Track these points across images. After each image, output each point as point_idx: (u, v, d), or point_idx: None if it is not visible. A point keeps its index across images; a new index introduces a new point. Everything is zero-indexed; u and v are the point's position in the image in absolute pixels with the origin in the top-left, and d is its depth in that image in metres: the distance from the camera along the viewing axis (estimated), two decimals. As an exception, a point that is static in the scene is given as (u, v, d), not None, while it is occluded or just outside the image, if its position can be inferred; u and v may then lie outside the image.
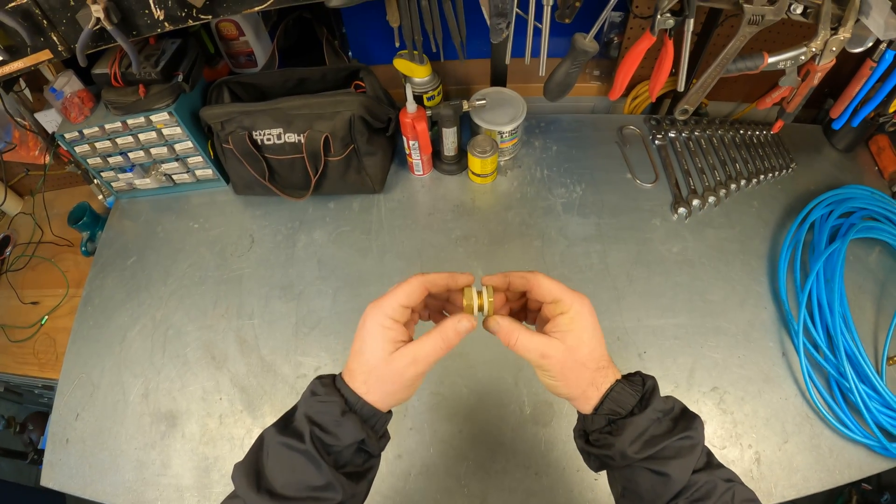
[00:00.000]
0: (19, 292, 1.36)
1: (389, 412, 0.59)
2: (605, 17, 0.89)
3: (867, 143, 1.39)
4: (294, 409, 0.57)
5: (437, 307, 0.66)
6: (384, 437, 0.60)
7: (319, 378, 0.58)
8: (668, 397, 0.58)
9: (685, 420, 0.56)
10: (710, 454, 0.57)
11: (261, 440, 0.56)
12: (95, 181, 1.36)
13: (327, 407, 0.54)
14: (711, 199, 1.26)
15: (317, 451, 0.51)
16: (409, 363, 0.55)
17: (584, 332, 0.57)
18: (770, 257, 1.19)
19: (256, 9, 0.89)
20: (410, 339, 0.57)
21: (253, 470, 0.53)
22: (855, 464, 0.97)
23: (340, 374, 0.58)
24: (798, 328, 1.05)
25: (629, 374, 0.60)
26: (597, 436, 0.58)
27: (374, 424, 0.56)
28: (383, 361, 0.55)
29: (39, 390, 1.53)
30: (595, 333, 0.58)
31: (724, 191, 1.28)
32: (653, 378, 0.59)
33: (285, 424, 0.55)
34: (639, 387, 0.57)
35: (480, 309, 0.59)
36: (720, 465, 0.56)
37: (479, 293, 0.60)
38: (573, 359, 0.57)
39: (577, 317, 0.57)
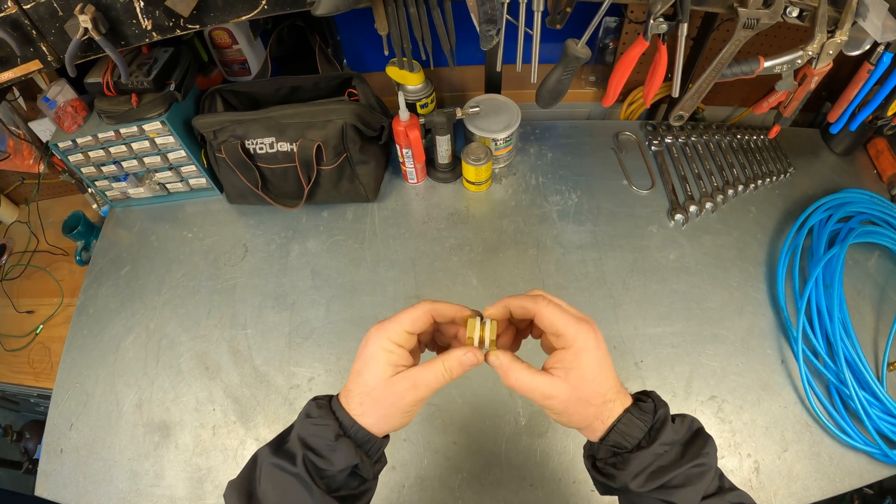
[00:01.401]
0: (15, 301, 1.36)
1: (386, 437, 0.58)
2: (596, 23, 0.88)
3: (865, 146, 1.38)
4: (290, 429, 0.57)
5: (444, 342, 0.64)
6: (380, 462, 0.58)
7: (315, 399, 0.57)
8: (682, 418, 0.56)
9: (697, 445, 0.54)
10: (722, 476, 0.55)
11: (254, 460, 0.55)
12: (90, 190, 1.36)
13: (321, 430, 0.53)
14: (708, 205, 1.25)
15: (309, 476, 0.51)
16: (409, 387, 0.54)
17: (588, 370, 0.54)
18: (768, 263, 1.18)
19: (244, 18, 0.88)
20: (413, 365, 0.56)
21: (245, 490, 0.53)
22: (856, 471, 0.96)
23: (338, 395, 0.57)
24: (797, 335, 1.04)
25: (641, 398, 0.57)
26: (602, 464, 0.56)
27: (368, 449, 0.55)
28: (382, 384, 0.54)
29: (35, 399, 1.52)
30: (602, 368, 0.54)
31: (721, 196, 1.27)
32: (665, 406, 0.55)
33: (279, 445, 0.55)
34: (648, 416, 0.54)
35: (482, 341, 0.57)
36: (732, 488, 0.54)
37: (483, 324, 0.58)
38: (577, 397, 0.54)
39: (582, 353, 0.54)
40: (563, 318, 0.54)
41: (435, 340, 0.64)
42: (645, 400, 0.56)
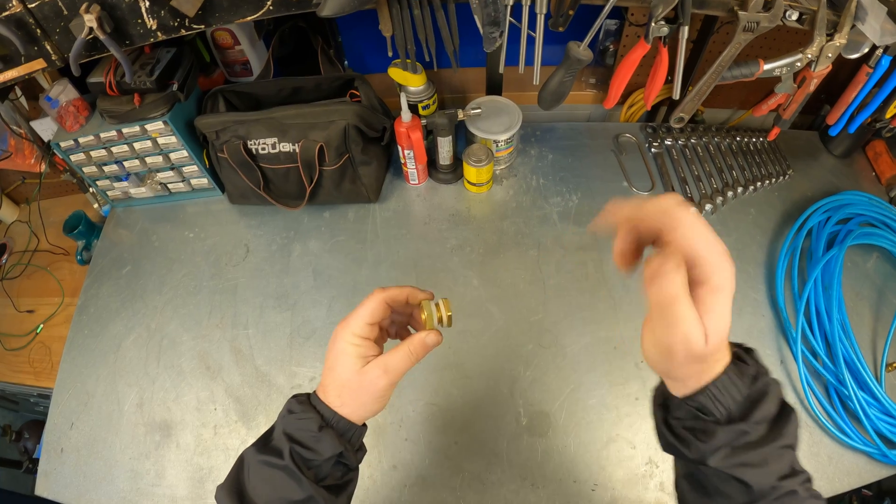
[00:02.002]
0: (15, 300, 1.36)
1: (364, 426, 0.61)
2: (598, 26, 0.89)
3: (864, 148, 1.39)
4: (272, 429, 0.59)
5: (402, 323, 0.68)
6: (361, 450, 0.62)
7: (295, 397, 0.60)
8: (775, 385, 0.48)
9: (782, 421, 0.46)
10: (795, 458, 0.48)
11: (241, 460, 0.57)
12: (91, 190, 1.36)
13: (305, 423, 0.56)
14: (708, 206, 1.26)
15: (297, 467, 0.53)
16: (381, 373, 0.57)
17: (721, 319, 0.43)
18: (767, 265, 1.19)
19: (249, 18, 0.88)
20: (379, 354, 0.59)
21: (235, 489, 0.55)
22: (854, 471, 0.97)
23: (315, 392, 0.60)
24: (796, 336, 1.04)
25: (741, 356, 0.48)
26: (678, 425, 0.49)
27: (350, 437, 0.58)
28: (356, 374, 0.57)
29: (35, 399, 1.52)
30: (730, 314, 0.44)
31: (720, 198, 1.27)
32: (767, 374, 0.47)
33: (265, 443, 0.57)
34: (747, 381, 0.46)
35: (440, 321, 0.61)
36: (803, 471, 0.48)
37: (437, 305, 0.61)
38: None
39: (719, 293, 0.43)
40: (709, 243, 0.44)
41: (394, 322, 0.67)
42: (746, 361, 0.48)
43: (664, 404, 0.52)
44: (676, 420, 0.50)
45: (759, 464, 0.45)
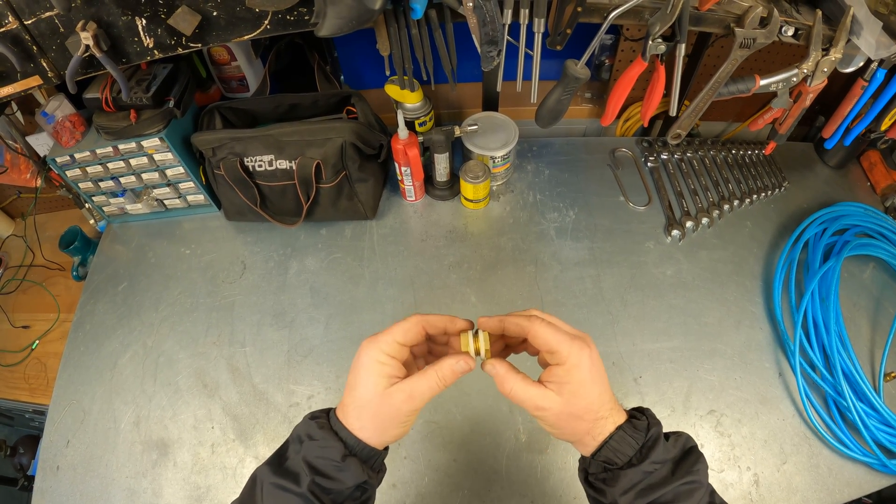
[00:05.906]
0: (10, 316, 1.35)
1: (386, 448, 0.58)
2: (596, 44, 0.89)
3: (859, 159, 1.40)
4: (286, 445, 0.57)
5: (439, 353, 0.64)
6: (382, 471, 0.59)
7: (314, 419, 0.57)
8: (677, 436, 0.57)
9: (688, 462, 0.54)
10: (713, 494, 0.55)
11: (254, 479, 0.55)
12: (87, 205, 1.35)
13: (327, 452, 0.53)
14: (705, 220, 1.26)
15: (314, 496, 0.51)
16: (406, 399, 0.55)
17: (581, 386, 0.55)
18: (765, 277, 1.19)
19: (246, 37, 0.88)
20: (406, 377, 0.57)
21: None
22: (854, 482, 0.97)
23: (334, 410, 0.57)
24: (794, 348, 1.04)
25: (636, 415, 0.57)
26: (594, 479, 0.57)
27: (373, 464, 0.56)
28: (378, 396, 0.54)
29: (30, 414, 1.51)
30: (595, 384, 0.55)
31: (717, 212, 1.28)
32: (658, 425, 0.56)
33: (279, 463, 0.55)
34: (641, 434, 0.55)
35: (477, 353, 0.59)
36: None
37: (476, 337, 0.59)
38: (568, 412, 0.55)
39: (574, 370, 0.55)
40: (557, 336, 0.56)
41: (431, 352, 0.65)
42: (639, 417, 0.57)
43: (584, 469, 0.60)
44: (592, 475, 0.57)
45: (671, 501, 0.52)
